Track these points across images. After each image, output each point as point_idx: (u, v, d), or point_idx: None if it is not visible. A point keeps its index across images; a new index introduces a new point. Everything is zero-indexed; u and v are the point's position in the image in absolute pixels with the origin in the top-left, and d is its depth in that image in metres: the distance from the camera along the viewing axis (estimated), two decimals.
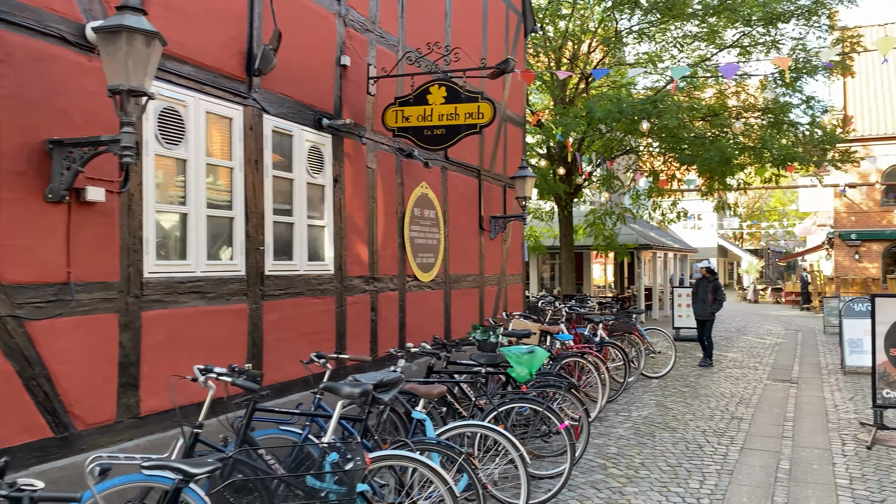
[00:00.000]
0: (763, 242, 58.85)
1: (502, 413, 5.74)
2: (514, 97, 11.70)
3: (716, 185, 17.90)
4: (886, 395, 7.64)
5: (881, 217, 28.37)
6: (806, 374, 12.22)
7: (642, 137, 15.38)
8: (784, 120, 17.19)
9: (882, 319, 7.70)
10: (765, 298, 38.21)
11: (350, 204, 7.07)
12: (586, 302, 13.72)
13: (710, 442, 7.48)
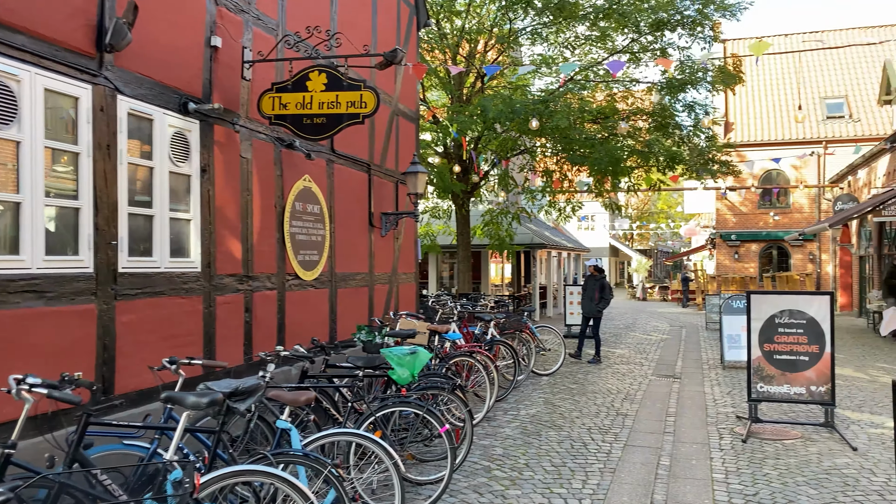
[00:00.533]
0: (651, 243, 61.50)
1: (381, 418, 5.43)
2: (407, 91, 11.42)
3: (606, 186, 18.35)
4: (760, 389, 7.89)
5: (758, 219, 30.13)
6: (688, 369, 12.61)
7: (536, 137, 15.48)
8: (669, 123, 17.81)
9: (757, 316, 7.94)
10: (653, 296, 39.81)
11: (221, 196, 6.56)
12: (479, 300, 13.64)
13: (594, 440, 7.46)
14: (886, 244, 20.31)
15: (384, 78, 10.34)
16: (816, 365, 7.72)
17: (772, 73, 32.03)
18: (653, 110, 17.74)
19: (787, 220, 29.42)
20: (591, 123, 16.77)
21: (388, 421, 5.72)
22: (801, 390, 7.73)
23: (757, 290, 28.43)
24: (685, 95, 17.08)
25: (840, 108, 29.32)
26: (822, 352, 7.70)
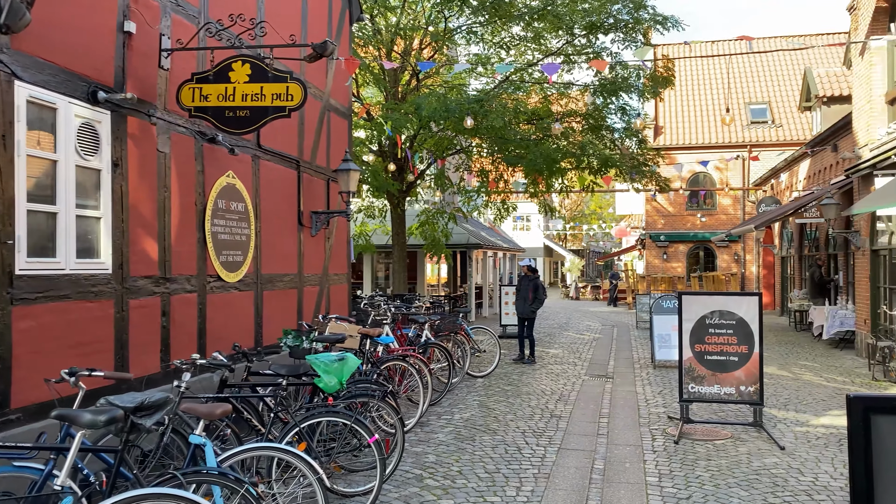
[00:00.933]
0: (584, 243, 62.61)
1: (307, 428, 5.14)
2: (339, 87, 11.09)
3: (541, 186, 18.41)
4: (692, 390, 7.93)
5: (686, 220, 30.93)
6: (620, 369, 12.71)
7: (472, 137, 15.36)
8: (602, 125, 18.01)
9: (688, 316, 7.98)
10: (585, 295, 40.43)
11: (135, 192, 6.13)
12: (413, 302, 13.41)
13: (528, 443, 7.35)
14: (807, 245, 21.10)
15: (315, 72, 9.99)
16: (746, 365, 7.81)
17: (700, 78, 32.95)
18: (586, 112, 17.90)
19: (713, 222, 30.30)
20: (526, 124, 16.79)
21: (315, 431, 5.43)
22: (731, 390, 7.81)
23: (687, 290, 29.17)
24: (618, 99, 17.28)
25: (763, 113, 30.41)
26: (751, 352, 7.80)
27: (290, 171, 9.37)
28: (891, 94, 12.96)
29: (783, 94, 31.13)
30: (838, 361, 13.43)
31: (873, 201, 10.15)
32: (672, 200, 30.90)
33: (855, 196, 14.28)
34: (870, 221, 13.52)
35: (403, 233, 17.86)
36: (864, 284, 13.85)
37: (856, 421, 1.76)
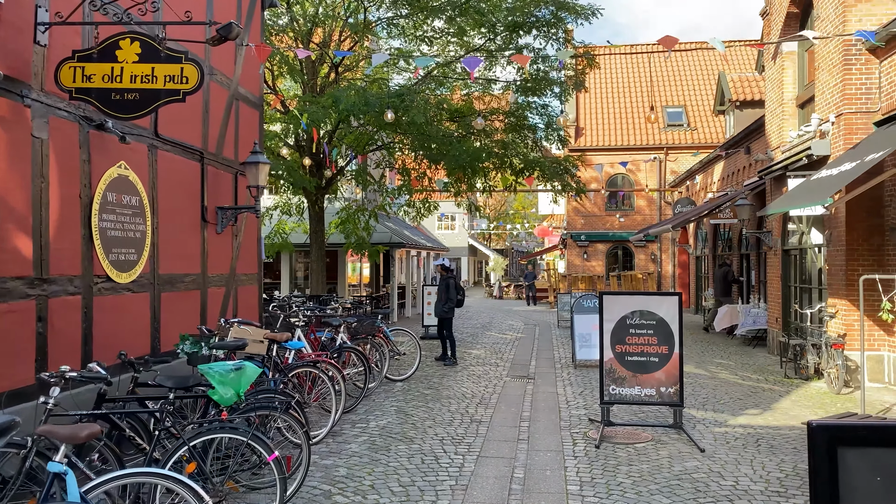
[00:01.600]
0: (508, 242, 63.14)
1: (200, 446, 4.62)
2: (250, 75, 10.45)
3: (464, 186, 18.16)
4: (612, 391, 7.77)
5: (605, 220, 31.43)
6: (542, 369, 12.56)
7: (393, 133, 14.92)
8: (524, 124, 17.93)
9: (609, 317, 7.82)
10: (509, 294, 40.63)
11: (4, 183, 5.42)
12: (329, 303, 12.87)
13: (447, 452, 6.99)
14: (720, 245, 21.68)
15: (222, 58, 9.35)
16: (666, 366, 7.71)
17: (619, 82, 33.58)
18: (509, 110, 17.78)
19: (631, 222, 30.91)
20: (449, 122, 16.51)
21: (209, 448, 4.90)
22: (652, 392, 7.69)
23: (607, 290, 29.62)
24: (540, 96, 17.22)
25: (680, 116, 31.23)
26: (671, 353, 7.70)
27: (193, 164, 8.70)
28: (801, 97, 13.32)
29: (698, 98, 32.07)
30: (752, 359, 13.71)
31: (786, 202, 10.32)
32: (592, 201, 31.34)
33: (767, 197, 14.64)
34: (781, 222, 13.88)
35: (322, 231, 17.26)
36: (775, 284, 14.21)
37: (820, 454, 1.44)
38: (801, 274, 13.27)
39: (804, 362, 11.23)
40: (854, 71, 10.68)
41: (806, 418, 8.46)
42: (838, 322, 10.79)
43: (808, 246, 12.79)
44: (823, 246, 11.82)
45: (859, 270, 10.67)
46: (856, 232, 10.65)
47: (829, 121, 11.13)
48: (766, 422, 8.31)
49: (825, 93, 11.45)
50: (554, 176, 16.81)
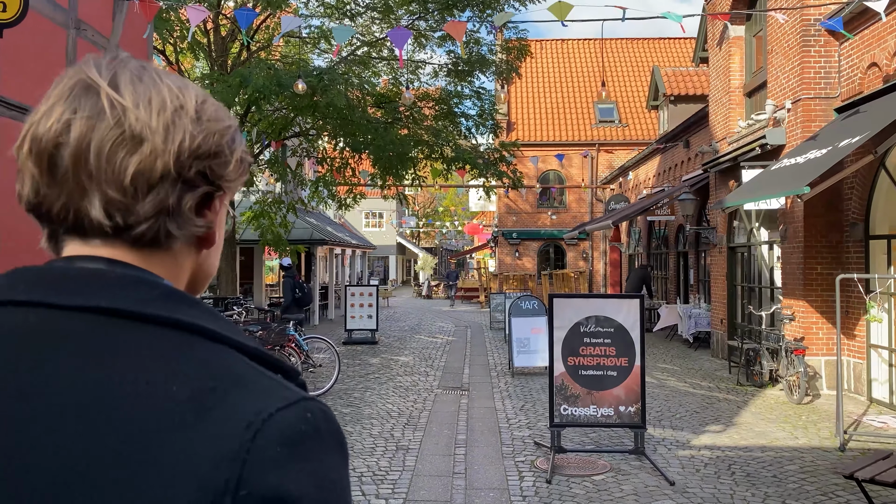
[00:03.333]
0: (438, 241, 62.06)
1: None
2: (133, 38, 8.78)
3: (390, 179, 16.82)
4: (564, 412, 6.58)
5: (537, 218, 30.65)
6: (476, 378, 11.35)
7: (312, 118, 13.35)
8: (456, 113, 16.73)
9: (560, 324, 6.63)
10: (438, 294, 39.48)
11: None
12: (234, 306, 11.28)
13: (366, 495, 5.63)
14: (654, 242, 21.07)
15: (97, 13, 7.67)
16: (626, 381, 6.57)
17: (549, 77, 32.87)
18: (439, 96, 16.52)
19: (562, 220, 30.25)
20: (374, 108, 15.11)
21: None
22: (610, 411, 6.55)
23: (539, 289, 28.79)
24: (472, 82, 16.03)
25: (611, 112, 30.73)
26: (631, 365, 6.58)
27: None
28: (749, 85, 12.57)
29: (630, 94, 31.68)
30: (696, 363, 12.90)
31: (747, 193, 9.43)
32: (524, 198, 30.50)
33: (711, 192, 13.89)
34: (726, 218, 13.12)
35: (233, 226, 15.54)
36: (720, 283, 13.46)
37: None
38: (749, 273, 12.53)
39: (758, 368, 10.40)
40: (813, 53, 9.89)
41: (774, 435, 7.52)
42: (796, 325, 9.99)
43: (757, 243, 12.04)
44: (776, 243, 11.06)
45: (817, 269, 9.90)
46: (814, 228, 9.88)
47: (785, 107, 10.34)
48: (734, 441, 7.31)
49: (779, 78, 10.66)
50: (488, 168, 15.64)
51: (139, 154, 0.67)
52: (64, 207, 0.68)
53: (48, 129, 0.67)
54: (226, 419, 0.60)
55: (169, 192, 0.68)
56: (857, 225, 9.33)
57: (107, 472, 0.57)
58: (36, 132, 0.68)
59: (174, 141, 0.68)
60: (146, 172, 0.67)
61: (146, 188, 0.67)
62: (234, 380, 0.63)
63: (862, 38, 9.04)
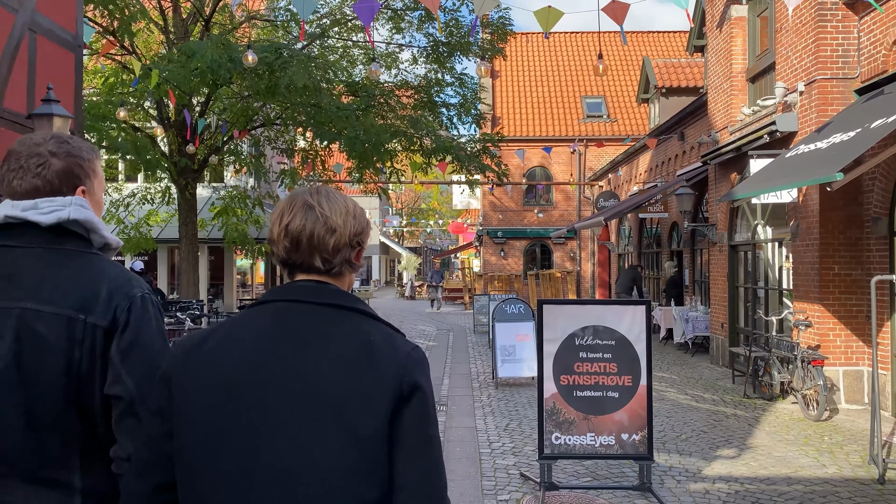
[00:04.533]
0: (422, 240, 60.91)
1: None
2: (60, 4, 7.62)
3: (368, 174, 15.71)
4: (556, 441, 5.49)
5: (523, 216, 29.60)
6: (456, 391, 10.26)
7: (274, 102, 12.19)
8: (437, 102, 15.65)
9: (552, 335, 5.55)
10: (422, 295, 38.34)
11: None
12: (184, 311, 10.12)
13: None
14: (646, 240, 20.09)
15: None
16: (629, 403, 5.50)
17: (535, 71, 31.84)
18: (419, 85, 15.44)
19: (549, 218, 29.24)
20: (349, 96, 13.99)
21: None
22: (610, 440, 5.47)
23: (527, 290, 27.73)
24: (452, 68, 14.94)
25: (599, 107, 29.75)
26: (636, 384, 5.51)
27: None
28: (753, 69, 11.58)
29: (619, 88, 30.72)
30: (695, 371, 11.89)
31: (757, 184, 8.41)
32: (510, 195, 29.45)
33: (710, 185, 12.89)
34: (728, 214, 12.12)
35: (194, 223, 14.36)
36: (720, 284, 12.46)
37: None
38: (753, 273, 11.53)
39: (767, 379, 9.38)
40: (830, 29, 8.89)
41: (798, 462, 6.49)
42: (812, 332, 8.97)
43: (763, 240, 11.04)
44: (786, 240, 10.06)
45: (834, 269, 8.90)
46: (830, 223, 8.87)
47: (798, 90, 9.33)
48: (752, 470, 6.27)
49: (790, 58, 9.65)
50: (470, 161, 14.56)
51: (335, 237, 1.45)
52: (303, 262, 1.45)
53: (295, 226, 1.42)
54: (397, 351, 1.39)
55: (347, 252, 1.47)
56: (881, 220, 8.34)
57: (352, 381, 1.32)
58: (290, 227, 1.43)
59: (348, 229, 1.46)
60: (338, 245, 1.45)
61: (337, 252, 1.46)
62: (390, 334, 1.44)
63: (888, 10, 8.04)
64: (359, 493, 1.29)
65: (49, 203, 1.61)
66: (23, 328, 1.54)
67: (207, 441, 1.31)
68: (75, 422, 1.57)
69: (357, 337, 1.39)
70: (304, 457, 1.29)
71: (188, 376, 1.36)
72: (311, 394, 1.31)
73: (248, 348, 1.36)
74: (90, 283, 1.60)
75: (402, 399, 1.34)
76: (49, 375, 1.54)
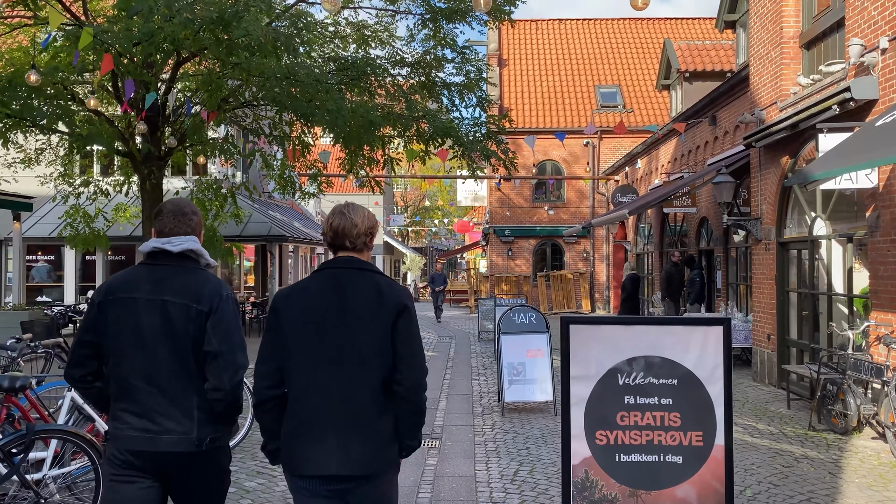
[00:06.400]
0: (427, 240, 59.09)
1: None
2: None
3: (359, 161, 13.92)
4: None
5: (532, 213, 27.71)
6: (454, 419, 8.45)
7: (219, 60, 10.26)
8: (437, 81, 13.80)
9: (582, 370, 3.70)
10: (425, 296, 36.53)
11: None
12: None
13: None
14: (669, 238, 18.22)
15: None
16: (699, 472, 3.63)
17: (544, 60, 29.93)
18: (415, 61, 13.59)
19: (560, 216, 27.35)
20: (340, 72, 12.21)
21: None
22: None
23: (574, 314, 25.82)
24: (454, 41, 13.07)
25: (614, 97, 27.83)
26: (709, 443, 3.64)
27: None
28: (809, 33, 9.71)
29: (635, 76, 28.77)
30: (738, 391, 10.03)
31: (840, 161, 6.54)
32: (517, 191, 27.59)
33: (753, 172, 11.03)
34: (776, 205, 10.26)
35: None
36: (766, 288, 10.59)
37: None
38: (810, 276, 9.67)
39: (839, 408, 7.51)
40: None
41: None
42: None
43: (824, 235, 9.18)
44: (858, 235, 8.21)
45: None
46: None
47: (878, 47, 7.47)
48: None
49: (867, 10, 7.78)
50: (474, 145, 12.73)
51: (356, 229, 2.82)
52: (340, 244, 2.83)
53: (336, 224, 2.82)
54: (393, 289, 2.81)
55: (364, 238, 2.86)
56: None
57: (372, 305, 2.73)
58: (332, 225, 2.83)
59: (364, 226, 2.85)
60: (360, 234, 2.83)
61: (359, 238, 2.84)
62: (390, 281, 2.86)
63: None
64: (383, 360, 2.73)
65: (177, 239, 2.85)
66: (164, 310, 2.76)
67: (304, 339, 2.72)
68: (193, 363, 2.77)
69: (373, 283, 2.79)
70: (358, 342, 2.71)
71: (287, 310, 2.76)
72: (353, 312, 2.72)
73: (319, 291, 2.78)
74: (199, 286, 2.81)
75: (398, 313, 2.74)
76: (180, 336, 2.76)
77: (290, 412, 2.72)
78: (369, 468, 2.66)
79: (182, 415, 2.71)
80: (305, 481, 2.67)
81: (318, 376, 2.68)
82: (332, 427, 2.65)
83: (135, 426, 2.69)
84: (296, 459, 2.67)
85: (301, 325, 2.71)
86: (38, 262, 18.94)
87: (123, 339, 2.74)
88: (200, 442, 2.71)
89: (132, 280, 2.81)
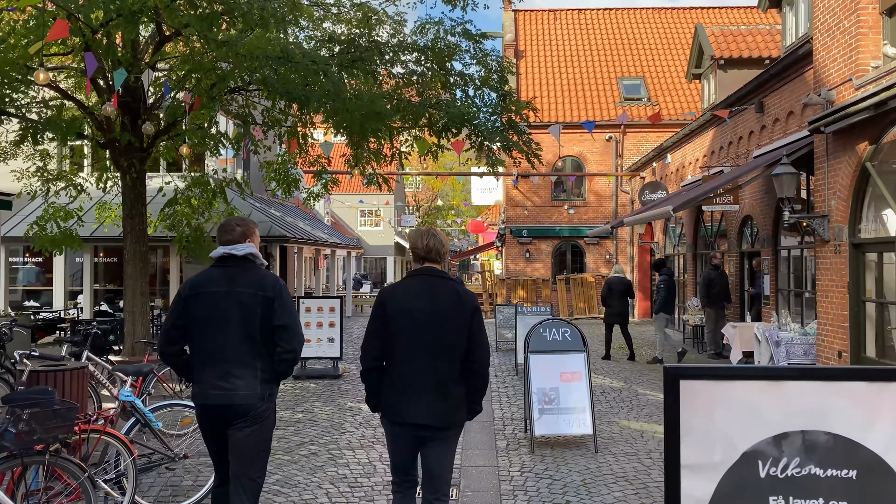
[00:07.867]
0: None
1: None
2: None
3: (363, 153, 12.55)
4: None
5: (551, 213, 26.22)
6: (474, 457, 7.03)
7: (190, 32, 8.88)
8: (450, 71, 12.34)
9: (702, 454, 2.28)
10: None
11: None
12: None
13: None
14: (704, 239, 16.71)
15: None
16: None
17: (563, 51, 28.45)
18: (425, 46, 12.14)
19: (581, 215, 25.84)
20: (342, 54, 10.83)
21: None
22: None
23: (686, 364, 24.33)
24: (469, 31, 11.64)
25: (638, 89, 26.30)
26: None
27: None
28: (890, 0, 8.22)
29: (660, 67, 27.23)
30: None
31: None
32: (536, 189, 26.12)
33: (818, 161, 9.52)
34: (849, 201, 8.76)
35: (142, 217, 11.26)
36: (836, 297, 9.09)
37: None
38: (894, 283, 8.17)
39: None
40: None
41: None
42: None
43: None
44: None
45: None
46: None
47: None
48: None
49: None
50: (493, 135, 11.32)
51: (442, 248, 4.14)
52: (428, 258, 4.08)
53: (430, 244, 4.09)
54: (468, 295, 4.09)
55: (444, 255, 4.15)
56: None
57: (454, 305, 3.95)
58: (427, 244, 4.08)
59: (445, 247, 4.17)
60: (442, 253, 4.13)
61: (440, 254, 4.12)
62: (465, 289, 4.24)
63: None
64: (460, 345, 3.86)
65: (240, 246, 3.88)
66: (238, 299, 3.80)
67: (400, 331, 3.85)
68: (259, 336, 3.79)
69: (453, 289, 3.97)
70: (446, 334, 3.84)
71: (391, 304, 3.91)
72: (440, 313, 3.86)
73: (412, 294, 3.94)
74: (261, 279, 3.86)
75: (472, 312, 3.89)
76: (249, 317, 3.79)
77: (393, 377, 3.91)
78: (447, 422, 3.87)
79: (250, 376, 3.78)
80: (400, 427, 3.87)
81: (417, 354, 3.86)
82: (424, 391, 3.82)
83: (215, 385, 3.78)
84: (397, 412, 3.87)
85: (403, 315, 3.90)
86: (26, 264, 17.77)
87: (207, 322, 3.81)
88: (263, 395, 3.81)
89: (211, 278, 3.91)
